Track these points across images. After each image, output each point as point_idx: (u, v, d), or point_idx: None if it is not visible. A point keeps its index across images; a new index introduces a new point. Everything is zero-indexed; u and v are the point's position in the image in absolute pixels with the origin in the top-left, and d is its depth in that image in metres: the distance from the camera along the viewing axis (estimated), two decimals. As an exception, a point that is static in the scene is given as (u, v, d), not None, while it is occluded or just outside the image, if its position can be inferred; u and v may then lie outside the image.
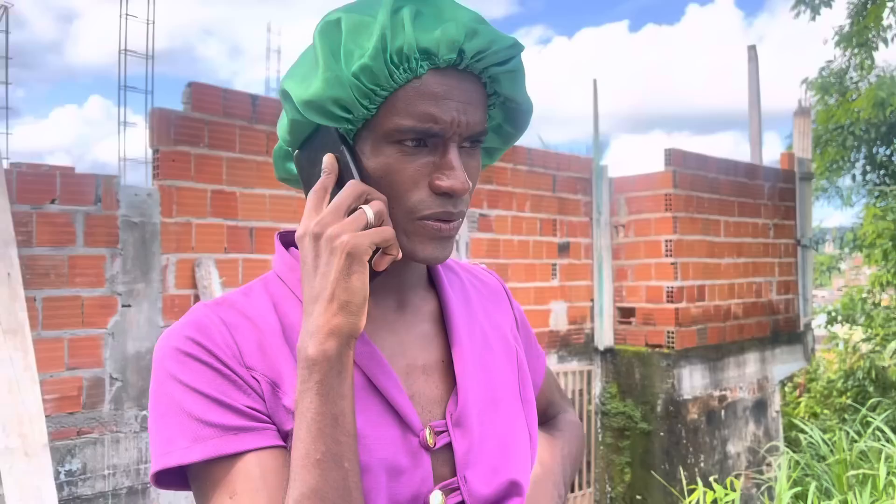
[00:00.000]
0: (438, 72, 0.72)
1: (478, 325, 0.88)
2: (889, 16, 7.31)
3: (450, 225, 0.76)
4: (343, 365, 0.68)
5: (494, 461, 0.80)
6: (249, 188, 3.29)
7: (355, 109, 0.73)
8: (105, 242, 2.90)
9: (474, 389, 0.81)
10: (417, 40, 0.70)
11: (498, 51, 0.74)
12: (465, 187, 0.73)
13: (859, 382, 8.11)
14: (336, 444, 0.67)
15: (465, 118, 0.73)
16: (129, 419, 2.92)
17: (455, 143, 0.74)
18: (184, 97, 3.16)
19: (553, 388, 1.10)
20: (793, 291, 6.12)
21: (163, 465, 0.71)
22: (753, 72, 6.39)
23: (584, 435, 1.16)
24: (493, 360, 0.87)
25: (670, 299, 4.94)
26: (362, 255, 0.68)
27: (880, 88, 6.90)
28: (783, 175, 6.08)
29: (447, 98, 0.72)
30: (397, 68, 0.71)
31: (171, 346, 0.73)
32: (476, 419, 0.80)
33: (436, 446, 0.77)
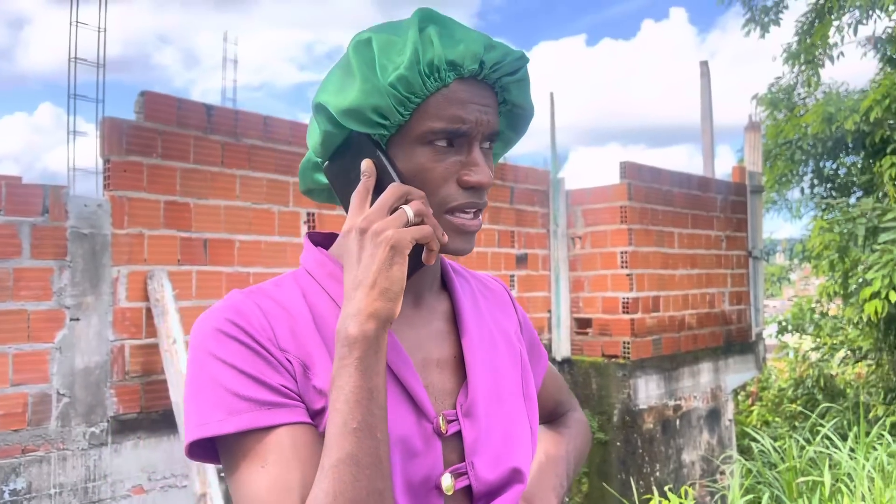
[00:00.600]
0: (462, 81, 0.82)
1: (486, 325, 0.96)
2: (835, 34, 7.55)
3: (475, 221, 0.85)
4: (379, 345, 0.75)
5: (499, 450, 0.87)
6: (203, 199, 3.24)
7: (392, 116, 0.81)
8: (52, 254, 2.82)
9: (482, 383, 0.89)
10: (445, 54, 0.80)
11: (510, 62, 0.84)
12: (490, 180, 0.83)
13: (809, 390, 8.32)
14: (371, 415, 0.73)
15: (486, 118, 0.83)
16: (77, 436, 2.84)
17: (478, 142, 0.84)
18: (136, 106, 3.11)
19: (561, 389, 1.18)
20: (745, 302, 6.25)
21: (199, 436, 0.76)
22: (706, 87, 6.53)
23: (590, 432, 1.22)
24: (499, 358, 0.94)
25: (626, 310, 5.00)
26: (404, 248, 0.76)
27: (828, 104, 7.11)
28: (735, 188, 6.22)
29: (471, 102, 0.82)
30: (429, 78, 0.80)
31: (212, 326, 0.79)
32: (483, 410, 0.87)
33: (447, 433, 0.83)
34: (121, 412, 2.96)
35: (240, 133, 3.38)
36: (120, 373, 2.97)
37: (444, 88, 0.81)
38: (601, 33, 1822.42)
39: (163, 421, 3.06)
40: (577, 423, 1.17)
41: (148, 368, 3.04)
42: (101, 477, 2.89)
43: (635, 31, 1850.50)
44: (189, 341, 0.82)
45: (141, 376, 3.03)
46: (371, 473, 0.71)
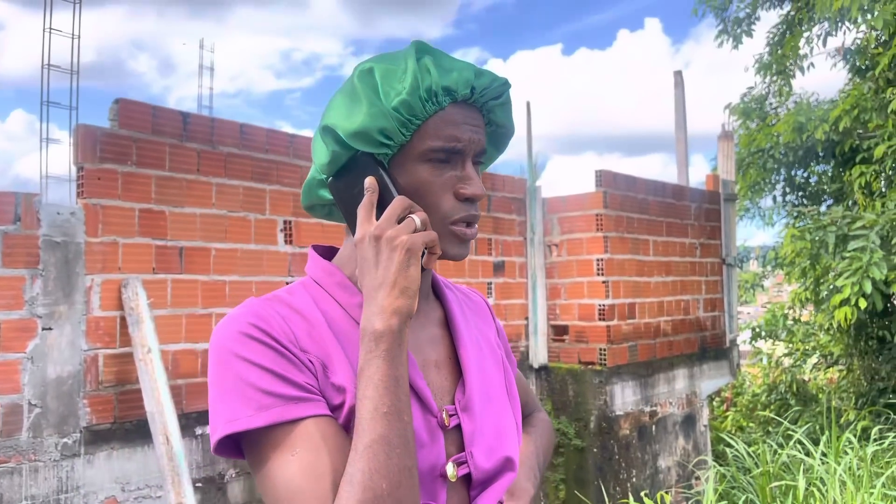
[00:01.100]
0: (456, 104, 0.93)
1: (473, 331, 1.06)
2: (805, 45, 7.70)
3: (471, 230, 0.95)
4: (402, 338, 0.83)
5: (492, 441, 0.96)
6: (179, 207, 3.22)
7: (395, 136, 0.91)
8: (24, 263, 2.79)
9: (475, 382, 0.98)
10: (441, 81, 0.90)
11: (496, 87, 0.95)
12: (484, 193, 0.94)
13: (782, 396, 8.42)
14: (398, 400, 0.81)
15: (478, 137, 0.94)
16: (49, 447, 2.80)
17: (471, 158, 0.94)
18: (111, 114, 3.08)
19: (526, 391, 1.27)
20: (719, 309, 6.32)
21: (229, 431, 0.83)
22: (680, 96, 6.62)
23: (553, 429, 1.30)
24: (485, 360, 1.04)
25: (602, 317, 5.04)
26: (417, 251, 0.85)
27: (798, 114, 7.23)
28: (708, 196, 6.30)
29: (464, 123, 0.93)
30: (428, 102, 0.90)
31: (235, 330, 0.87)
32: (477, 406, 0.97)
33: (449, 426, 0.93)
34: (94, 422, 2.93)
35: (216, 141, 3.36)
36: (93, 382, 2.94)
37: (441, 111, 0.91)
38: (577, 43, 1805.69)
39: (137, 431, 3.02)
40: (541, 422, 1.27)
41: (122, 378, 3.01)
42: (74, 488, 2.85)
43: (611, 40, 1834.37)
44: (210, 347, 0.89)
45: (115, 386, 2.99)
46: (402, 452, 0.80)
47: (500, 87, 0.95)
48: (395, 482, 0.78)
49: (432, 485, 0.89)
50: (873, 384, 7.41)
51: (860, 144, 6.89)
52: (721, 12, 8.34)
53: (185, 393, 3.19)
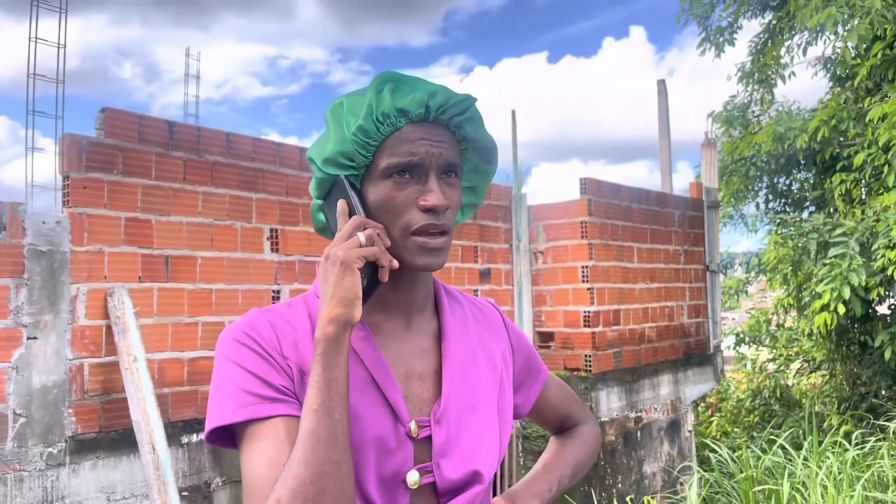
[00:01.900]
0: (414, 124, 0.99)
1: (470, 344, 1.09)
2: (786, 54, 7.80)
3: (437, 240, 0.98)
4: (340, 343, 0.91)
5: (464, 454, 1.00)
6: (165, 216, 3.23)
7: (356, 158, 0.99)
8: (9, 272, 2.78)
9: (456, 395, 1.02)
10: (395, 103, 0.97)
11: (455, 104, 0.99)
12: (442, 203, 0.96)
13: (766, 401, 8.49)
14: (329, 399, 0.88)
15: (437, 151, 0.98)
16: (34, 457, 2.79)
17: (433, 172, 0.98)
18: (97, 122, 3.09)
19: (568, 403, 1.31)
20: (703, 315, 6.38)
21: (216, 424, 0.94)
22: (663, 104, 6.68)
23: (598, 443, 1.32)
24: (478, 374, 1.07)
25: (587, 324, 5.07)
26: (352, 263, 0.92)
27: (778, 123, 7.32)
28: (692, 203, 6.37)
29: (421, 139, 0.98)
30: (381, 124, 0.98)
31: (231, 337, 0.98)
32: (454, 419, 1.00)
33: (419, 436, 0.98)
34: (79, 432, 2.92)
35: (202, 149, 3.37)
36: (79, 392, 2.93)
37: (397, 131, 0.98)
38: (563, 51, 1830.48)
39: (122, 440, 3.02)
40: (582, 434, 1.30)
41: (108, 387, 3.00)
42: (59, 498, 2.84)
43: (596, 48, 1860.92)
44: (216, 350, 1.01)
45: (100, 395, 2.99)
46: (328, 446, 0.87)
47: (459, 103, 0.99)
48: (318, 472, 0.85)
49: (395, 489, 0.96)
50: (855, 389, 7.50)
51: (840, 152, 6.99)
52: (703, 21, 8.44)
53: (171, 402, 3.19)
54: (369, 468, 0.95)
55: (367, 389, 0.98)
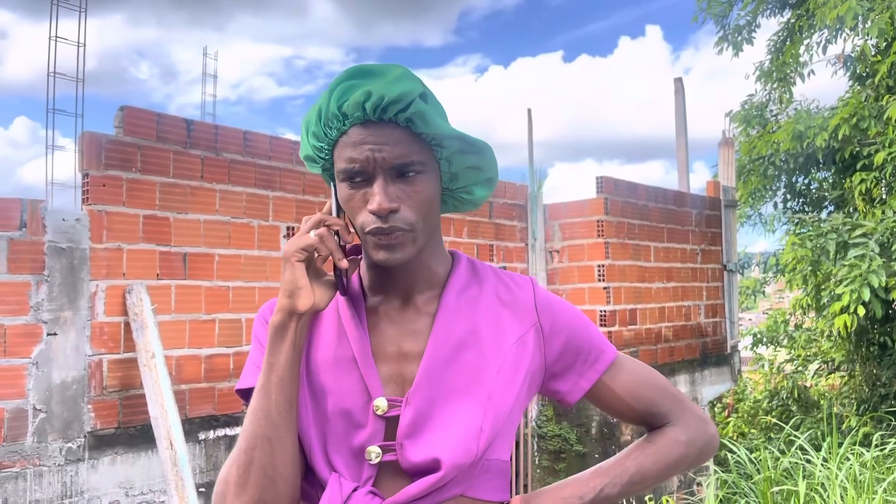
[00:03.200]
0: (361, 125, 0.98)
1: (470, 327, 1.05)
2: (805, 53, 7.73)
3: (388, 236, 0.98)
4: (285, 330, 0.98)
5: (430, 439, 0.99)
6: (183, 213, 3.25)
7: (317, 160, 1.05)
8: (30, 269, 2.81)
9: (434, 379, 1.01)
10: (339, 108, 0.98)
11: (393, 102, 0.95)
12: (382, 207, 0.96)
13: (783, 402, 8.42)
14: (268, 381, 0.97)
15: (380, 156, 0.97)
16: (54, 452, 2.82)
17: (380, 175, 0.97)
18: (116, 121, 3.11)
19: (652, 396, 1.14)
20: (720, 314, 6.34)
21: (237, 387, 1.08)
22: (680, 103, 6.64)
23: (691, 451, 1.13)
24: (472, 360, 1.03)
25: (603, 323, 5.05)
26: (290, 257, 0.98)
27: (798, 122, 7.25)
28: (709, 202, 6.32)
29: (362, 143, 0.97)
30: (329, 128, 1.00)
31: (258, 313, 1.12)
32: (426, 402, 1.00)
33: (387, 414, 1.00)
34: (98, 427, 2.94)
35: (220, 148, 3.39)
36: (97, 388, 2.96)
37: (344, 135, 0.99)
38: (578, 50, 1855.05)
39: (140, 436, 3.04)
40: (663, 438, 1.13)
41: (126, 383, 3.03)
42: (78, 493, 2.86)
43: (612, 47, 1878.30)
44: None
45: (119, 391, 3.01)
46: (260, 423, 0.96)
47: (396, 101, 0.95)
48: (250, 444, 0.96)
49: (360, 462, 1.00)
50: (875, 390, 7.42)
51: (860, 151, 6.91)
52: (721, 19, 8.38)
53: (188, 398, 3.21)
54: (336, 440, 1.00)
55: (346, 366, 1.02)
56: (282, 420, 0.97)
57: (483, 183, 1.09)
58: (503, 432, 1.04)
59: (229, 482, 0.97)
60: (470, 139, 1.02)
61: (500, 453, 1.05)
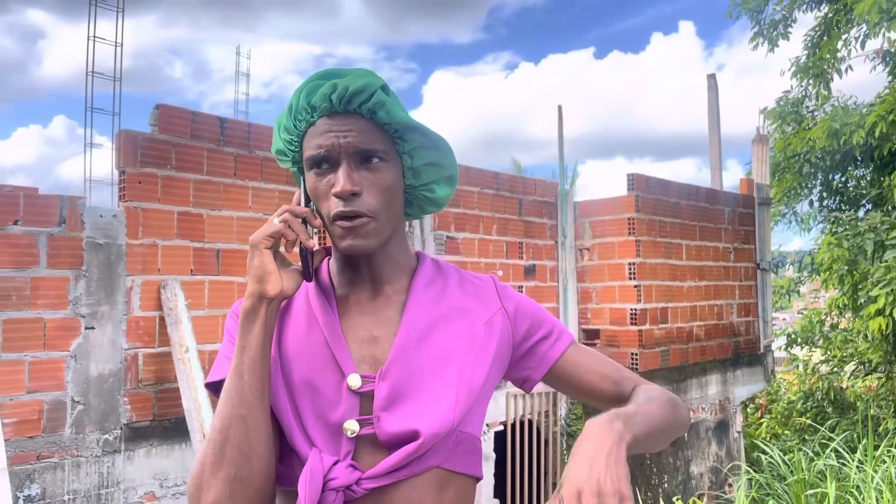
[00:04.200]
0: (327, 117, 1.05)
1: (438, 313, 1.11)
2: (843, 48, 7.58)
3: (351, 222, 1.03)
4: (255, 314, 1.03)
5: (408, 411, 1.03)
6: (217, 210, 3.29)
7: (287, 153, 1.11)
8: (69, 264, 2.88)
9: (407, 357, 1.06)
10: (307, 101, 1.05)
11: (356, 93, 1.02)
12: (346, 189, 1.02)
13: (818, 403, 8.28)
14: (241, 363, 1.02)
15: (345, 141, 1.03)
16: (91, 443, 2.89)
17: (344, 161, 1.04)
18: (151, 119, 3.17)
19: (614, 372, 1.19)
20: (753, 314, 6.25)
21: (208, 380, 1.13)
22: (713, 100, 6.56)
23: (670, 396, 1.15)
24: (443, 341, 1.09)
25: (634, 321, 5.02)
26: (257, 244, 1.04)
27: (834, 119, 7.11)
28: (742, 200, 6.24)
29: (329, 132, 1.04)
30: (297, 121, 1.07)
31: (231, 309, 1.16)
32: (402, 377, 1.05)
33: (361, 390, 1.04)
34: (134, 420, 3.00)
35: (252, 145, 3.43)
36: (133, 381, 3.02)
37: (312, 126, 1.06)
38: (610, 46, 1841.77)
39: (175, 429, 3.10)
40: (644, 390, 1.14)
41: (161, 377, 3.09)
42: (114, 483, 2.93)
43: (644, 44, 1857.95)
44: None
45: (154, 384, 3.07)
46: (234, 402, 1.00)
47: (360, 92, 1.02)
48: (225, 424, 1.00)
49: (338, 437, 1.04)
50: (913, 392, 7.26)
51: (899, 148, 6.76)
52: (756, 15, 8.25)
53: (221, 392, 3.25)
54: (313, 418, 1.05)
55: (318, 348, 1.08)
56: (255, 399, 1.01)
57: (444, 181, 1.14)
58: (475, 407, 1.09)
59: (205, 462, 1.00)
60: (428, 131, 1.08)
61: (473, 428, 1.09)
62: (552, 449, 5.01)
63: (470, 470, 1.09)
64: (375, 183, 1.05)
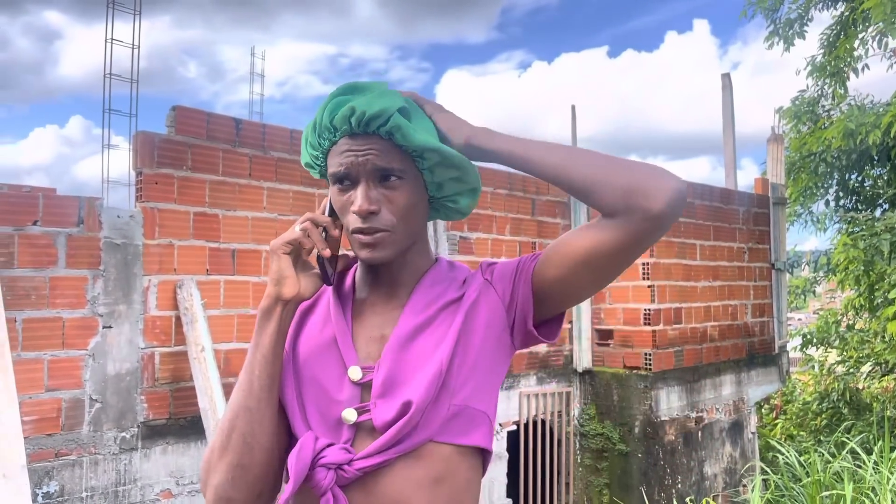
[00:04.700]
0: (348, 136, 1.10)
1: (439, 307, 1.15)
2: (860, 47, 7.52)
3: (369, 237, 1.09)
4: (270, 314, 1.09)
5: (401, 395, 1.07)
6: (232, 210, 3.32)
7: (314, 166, 1.17)
8: (87, 264, 2.91)
9: (405, 346, 1.11)
10: (329, 120, 1.10)
11: (374, 117, 1.06)
12: (364, 209, 1.07)
13: (834, 404, 8.21)
14: (253, 359, 1.09)
15: (363, 160, 1.08)
16: (108, 441, 2.92)
17: (363, 180, 1.09)
18: (168, 120, 3.20)
19: (572, 231, 1.15)
20: (767, 314, 6.22)
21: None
22: (727, 99, 6.53)
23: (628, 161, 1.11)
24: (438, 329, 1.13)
25: (647, 322, 5.00)
26: (277, 250, 1.09)
27: (849, 119, 7.06)
28: (757, 200, 6.21)
29: (349, 152, 1.09)
30: (322, 139, 1.12)
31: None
32: (396, 365, 1.10)
33: (362, 381, 1.10)
34: (150, 418, 3.04)
35: (267, 146, 3.46)
36: (150, 379, 3.05)
37: (335, 144, 1.11)
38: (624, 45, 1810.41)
39: (191, 427, 3.13)
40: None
41: (177, 375, 3.12)
42: (131, 481, 2.96)
43: (658, 42, 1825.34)
44: None
45: (170, 383, 3.10)
46: (244, 395, 1.08)
47: (376, 117, 1.06)
48: (234, 414, 1.08)
49: (337, 427, 1.09)
50: (930, 394, 7.19)
51: (917, 148, 6.71)
52: (771, 13, 8.20)
53: (236, 391, 3.28)
54: (318, 410, 1.10)
55: (327, 346, 1.14)
56: (263, 393, 1.08)
57: (467, 193, 1.18)
58: (471, 377, 1.11)
59: (214, 448, 1.09)
60: (445, 151, 1.10)
61: (473, 401, 1.11)
62: (565, 449, 5.01)
63: (468, 440, 1.10)
64: (393, 200, 1.10)
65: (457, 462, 1.10)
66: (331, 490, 1.04)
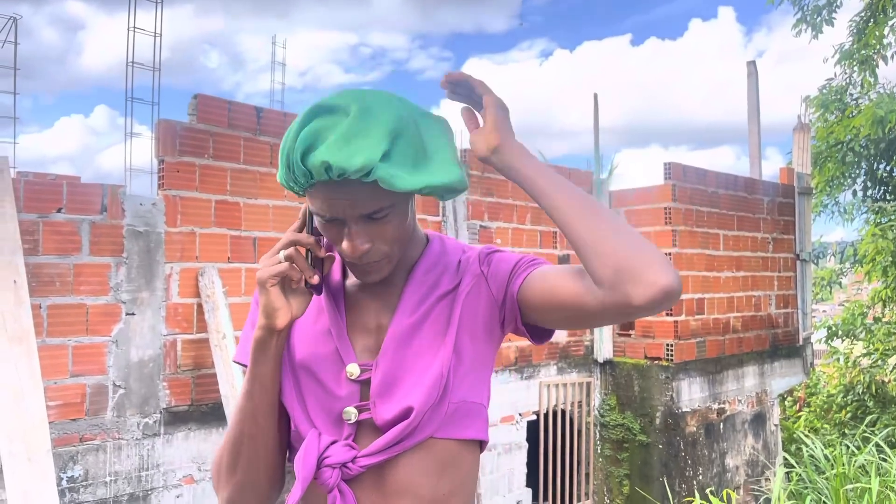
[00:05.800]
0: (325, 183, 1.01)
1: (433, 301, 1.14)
2: (889, 34, 7.37)
3: (364, 265, 1.08)
4: (267, 346, 1.08)
5: (400, 394, 1.08)
6: (253, 199, 3.33)
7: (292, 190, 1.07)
8: (110, 251, 2.94)
9: (402, 343, 1.11)
10: (303, 163, 1.00)
11: (354, 172, 0.97)
12: (354, 252, 1.05)
13: (859, 397, 8.11)
14: (252, 388, 1.09)
15: (350, 209, 1.02)
16: (132, 426, 2.95)
17: (350, 221, 1.04)
18: (190, 108, 3.21)
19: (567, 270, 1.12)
20: (792, 305, 6.14)
21: (235, 358, 1.22)
22: (753, 87, 6.44)
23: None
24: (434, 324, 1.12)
25: (669, 312, 4.96)
26: (264, 283, 1.06)
27: (879, 107, 6.93)
28: (782, 189, 6.12)
29: (331, 199, 1.02)
30: (296, 182, 1.03)
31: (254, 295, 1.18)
32: (394, 363, 1.10)
33: (360, 378, 1.10)
34: (173, 404, 3.07)
35: (288, 134, 3.46)
36: (172, 366, 3.08)
37: (311, 188, 1.03)
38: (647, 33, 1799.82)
39: (212, 413, 3.16)
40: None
41: (199, 362, 3.14)
42: (154, 466, 3.00)
43: (682, 30, 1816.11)
44: None
45: (192, 370, 3.13)
46: (245, 422, 1.10)
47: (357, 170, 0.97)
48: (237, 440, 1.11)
49: (340, 423, 1.10)
50: (959, 387, 7.07)
51: (948, 136, 6.57)
52: (799, 0, 8.06)
53: (257, 378, 3.30)
54: (318, 407, 1.11)
55: (322, 339, 1.14)
56: (265, 420, 1.11)
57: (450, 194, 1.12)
58: (467, 374, 1.12)
59: (221, 466, 1.14)
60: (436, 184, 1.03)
61: (470, 395, 1.12)
62: (585, 439, 4.99)
63: (466, 434, 1.12)
64: (384, 234, 1.06)
65: (457, 451, 1.12)
66: (337, 487, 1.07)
